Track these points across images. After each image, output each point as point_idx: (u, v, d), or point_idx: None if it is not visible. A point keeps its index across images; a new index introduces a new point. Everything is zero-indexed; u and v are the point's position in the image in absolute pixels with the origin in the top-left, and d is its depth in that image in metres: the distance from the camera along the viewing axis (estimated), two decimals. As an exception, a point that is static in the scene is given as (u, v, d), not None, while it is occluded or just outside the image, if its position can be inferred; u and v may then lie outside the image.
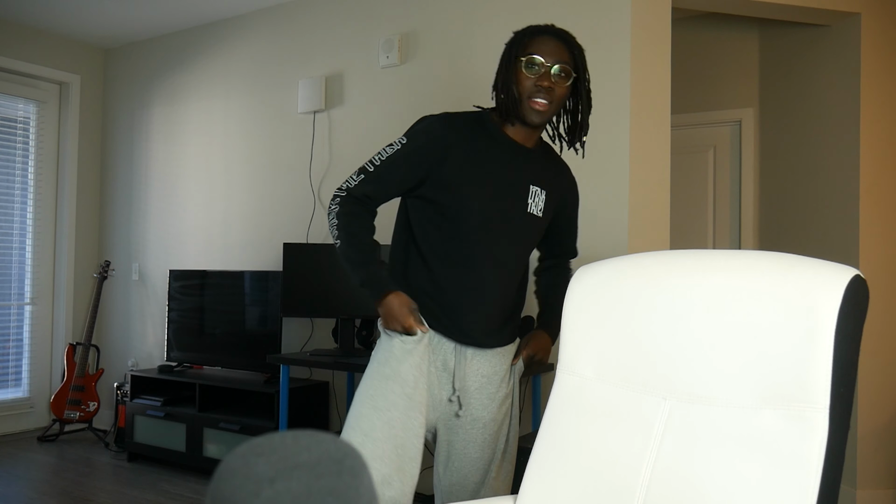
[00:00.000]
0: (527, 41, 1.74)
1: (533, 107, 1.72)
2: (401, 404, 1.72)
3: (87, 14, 4.53)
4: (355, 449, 0.60)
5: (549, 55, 1.71)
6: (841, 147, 3.57)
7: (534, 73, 1.71)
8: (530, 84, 1.71)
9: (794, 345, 1.15)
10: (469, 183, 1.76)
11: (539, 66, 1.70)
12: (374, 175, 1.77)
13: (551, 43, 1.72)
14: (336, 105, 3.99)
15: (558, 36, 1.74)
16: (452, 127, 1.77)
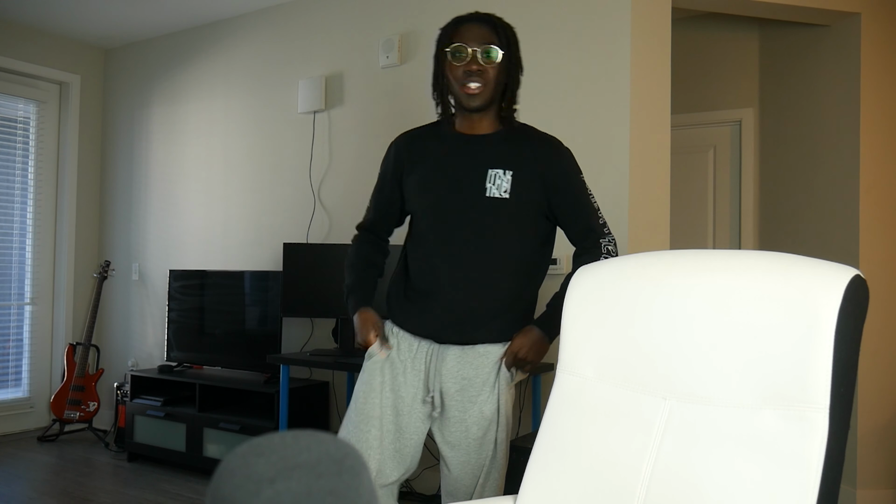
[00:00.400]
0: (451, 33, 1.79)
1: (466, 92, 1.75)
2: (352, 418, 1.84)
3: (87, 14, 4.53)
4: (355, 449, 0.60)
5: (472, 40, 1.75)
6: (841, 147, 3.57)
7: (461, 61, 1.74)
8: (460, 72, 1.75)
9: (794, 345, 1.15)
10: (420, 185, 1.84)
11: (464, 53, 1.74)
12: (370, 205, 2.01)
13: (474, 28, 1.76)
14: (336, 105, 3.99)
15: (480, 20, 1.78)
16: (407, 141, 1.90)
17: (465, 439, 1.81)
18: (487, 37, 1.75)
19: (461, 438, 1.81)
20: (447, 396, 1.81)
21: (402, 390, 1.84)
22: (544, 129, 3.28)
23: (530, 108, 3.34)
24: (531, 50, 3.35)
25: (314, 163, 4.05)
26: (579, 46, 3.22)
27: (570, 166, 1.89)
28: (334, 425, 3.88)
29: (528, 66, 3.33)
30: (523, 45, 3.35)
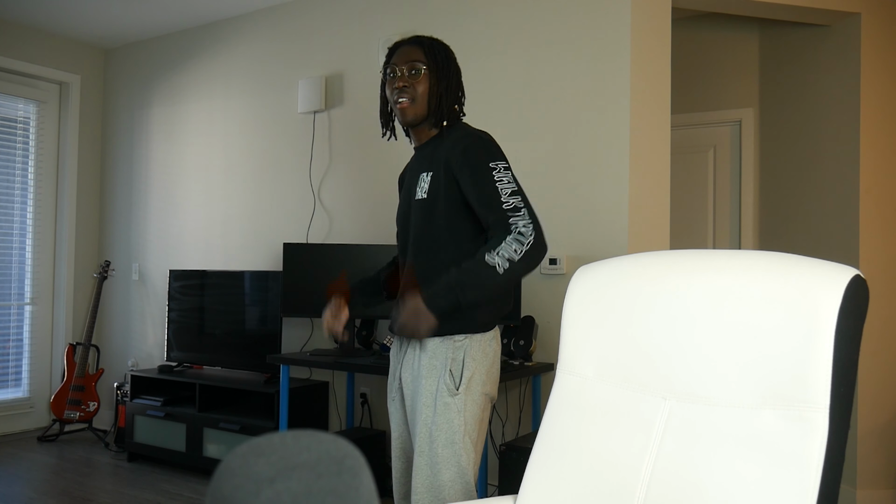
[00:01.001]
0: (388, 58, 1.93)
1: (398, 108, 1.89)
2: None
3: (87, 14, 4.53)
4: (355, 449, 0.60)
5: (401, 61, 1.89)
6: (841, 147, 3.57)
7: (392, 81, 1.90)
8: (392, 90, 1.90)
9: (794, 345, 1.15)
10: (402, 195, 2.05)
11: (394, 72, 1.89)
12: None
13: (404, 49, 1.90)
14: (336, 105, 3.99)
15: (412, 42, 1.91)
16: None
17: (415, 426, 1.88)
18: (415, 55, 1.88)
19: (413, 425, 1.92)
20: (404, 384, 1.93)
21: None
22: (545, 128, 3.30)
23: (530, 108, 3.34)
24: (531, 50, 3.35)
25: (314, 163, 4.05)
26: (579, 46, 3.22)
27: (470, 154, 1.81)
28: (334, 425, 3.88)
29: (528, 65, 3.34)
30: (523, 45, 3.36)
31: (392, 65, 1.90)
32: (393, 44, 1.97)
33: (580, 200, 3.19)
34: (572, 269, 3.18)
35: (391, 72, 1.90)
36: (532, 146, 3.32)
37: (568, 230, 3.21)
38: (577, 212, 3.19)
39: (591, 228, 3.15)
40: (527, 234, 1.70)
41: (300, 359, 3.26)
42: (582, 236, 3.18)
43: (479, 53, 3.50)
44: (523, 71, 3.37)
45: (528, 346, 3.08)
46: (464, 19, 3.55)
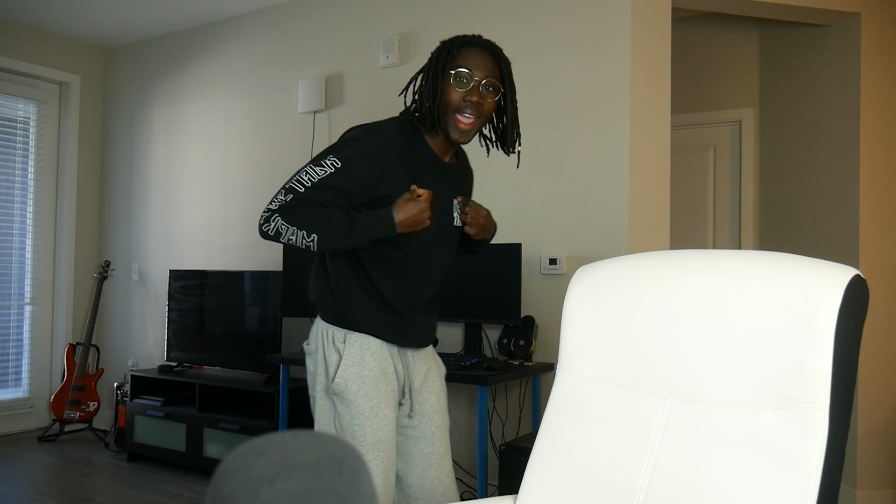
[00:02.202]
0: (455, 53, 1.71)
1: (458, 124, 1.71)
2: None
3: (87, 14, 4.53)
4: (355, 449, 0.60)
5: (477, 68, 1.69)
6: (841, 147, 3.57)
7: (462, 87, 1.69)
8: (458, 98, 1.70)
9: (794, 345, 1.15)
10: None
11: (468, 80, 1.69)
12: (304, 198, 1.67)
13: (480, 56, 1.70)
14: (336, 105, 3.99)
15: (487, 48, 1.72)
16: (387, 144, 1.71)
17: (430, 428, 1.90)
18: (491, 69, 1.71)
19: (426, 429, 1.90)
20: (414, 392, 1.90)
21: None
22: (544, 128, 3.30)
23: (530, 109, 3.34)
24: (531, 50, 3.35)
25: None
26: (579, 46, 3.22)
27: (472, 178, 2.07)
28: (334, 425, 3.88)
29: (527, 65, 3.34)
30: (523, 45, 3.36)
31: (466, 69, 1.68)
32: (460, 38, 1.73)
33: (580, 200, 3.19)
34: (572, 269, 3.18)
35: (463, 78, 1.69)
36: (532, 146, 3.32)
37: (568, 230, 3.21)
38: (577, 212, 3.19)
39: (591, 228, 3.15)
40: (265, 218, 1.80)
41: (300, 359, 3.26)
42: (582, 236, 3.18)
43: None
44: (523, 71, 3.36)
45: (528, 346, 3.08)
46: (464, 20, 3.55)
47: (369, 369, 1.75)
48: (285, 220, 1.66)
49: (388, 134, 1.73)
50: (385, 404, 1.76)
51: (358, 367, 1.75)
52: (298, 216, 1.66)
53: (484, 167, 3.43)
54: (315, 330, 1.83)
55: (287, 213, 1.67)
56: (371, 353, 1.77)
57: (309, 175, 1.68)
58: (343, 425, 1.75)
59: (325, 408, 1.79)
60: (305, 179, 1.68)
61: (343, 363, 1.75)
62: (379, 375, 1.76)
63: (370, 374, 1.75)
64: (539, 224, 3.29)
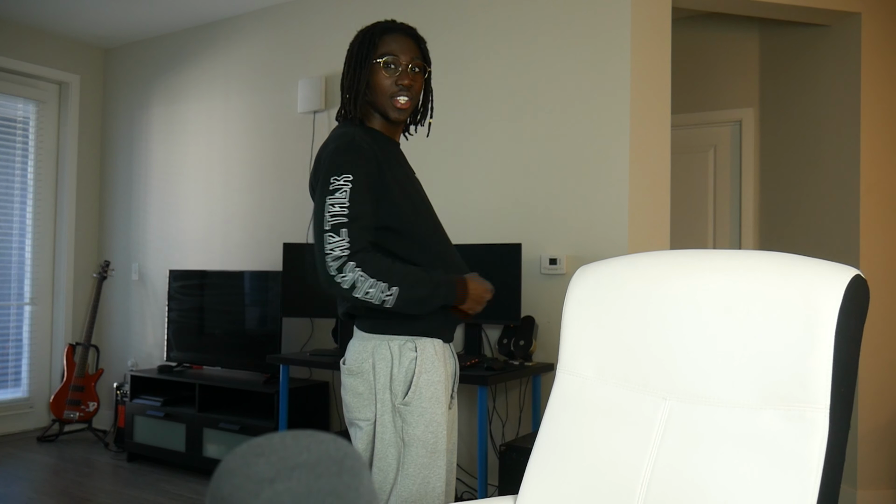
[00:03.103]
0: (378, 41, 1.78)
1: (395, 105, 1.77)
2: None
3: (87, 14, 4.52)
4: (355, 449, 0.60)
5: (402, 52, 1.77)
6: (841, 147, 3.57)
7: (391, 73, 1.76)
8: (390, 83, 1.76)
9: (794, 345, 1.15)
10: (404, 189, 1.76)
11: (396, 65, 1.76)
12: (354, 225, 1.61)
13: (402, 40, 1.79)
14: (336, 105, 3.98)
15: (406, 32, 1.81)
16: (364, 141, 1.72)
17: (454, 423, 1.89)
18: (414, 50, 1.80)
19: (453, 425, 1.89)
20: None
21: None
22: (544, 128, 3.30)
23: (530, 109, 3.34)
24: (531, 50, 3.35)
25: (314, 163, 4.04)
26: (579, 46, 3.22)
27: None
28: (334, 425, 3.88)
29: (528, 65, 3.34)
30: (523, 45, 3.36)
31: (391, 55, 1.75)
32: (378, 25, 1.80)
33: (580, 200, 3.19)
34: (572, 269, 3.18)
35: (391, 63, 1.75)
36: (532, 146, 3.32)
37: (568, 230, 3.21)
38: (577, 212, 3.19)
39: (591, 228, 3.15)
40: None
41: (300, 359, 3.26)
42: (582, 236, 3.18)
43: (478, 53, 3.50)
44: (523, 71, 3.36)
45: (528, 346, 3.08)
46: (463, 19, 3.55)
47: (439, 374, 1.71)
48: (366, 269, 1.59)
49: (354, 134, 1.73)
50: (448, 406, 1.78)
51: (429, 374, 1.70)
52: (377, 266, 1.60)
53: (484, 167, 3.44)
54: (362, 347, 1.73)
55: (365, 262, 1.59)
56: (438, 356, 1.73)
57: (340, 205, 1.62)
58: (416, 435, 1.68)
59: (387, 424, 1.69)
60: (340, 210, 1.61)
61: (417, 371, 1.69)
62: (445, 379, 1.74)
63: (440, 380, 1.71)
64: (539, 224, 3.29)
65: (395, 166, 1.77)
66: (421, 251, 1.75)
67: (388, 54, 1.76)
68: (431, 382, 1.70)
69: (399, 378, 1.68)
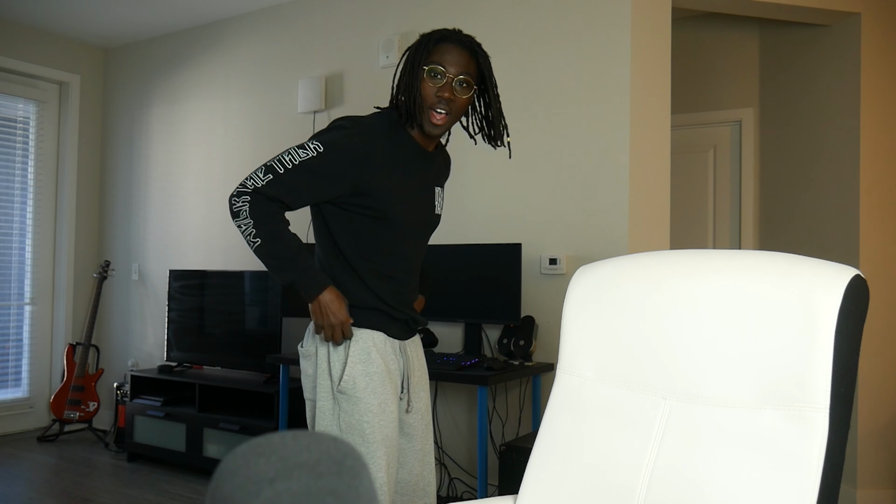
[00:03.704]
0: (431, 48, 1.73)
1: (432, 119, 1.73)
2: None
3: (87, 14, 4.53)
4: (355, 449, 0.60)
5: (451, 65, 1.71)
6: (841, 147, 3.57)
7: (435, 83, 1.71)
8: (431, 93, 1.71)
9: (794, 345, 1.15)
10: (394, 190, 1.75)
11: (441, 76, 1.71)
12: (285, 179, 1.68)
13: (455, 52, 1.72)
14: (336, 105, 3.98)
15: (463, 44, 1.73)
16: (370, 134, 1.73)
17: (422, 423, 1.92)
18: (466, 64, 1.73)
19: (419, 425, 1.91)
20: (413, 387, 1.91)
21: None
22: (544, 128, 3.30)
23: (530, 109, 3.34)
24: (531, 50, 3.35)
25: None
26: (579, 46, 3.22)
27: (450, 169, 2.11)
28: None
29: (528, 65, 3.34)
30: (523, 45, 3.36)
31: (440, 65, 1.70)
32: (438, 32, 1.75)
33: (580, 200, 3.19)
34: (572, 269, 3.18)
35: (437, 73, 1.70)
36: (532, 146, 3.32)
37: (568, 230, 3.21)
38: (577, 212, 3.19)
39: (591, 228, 3.15)
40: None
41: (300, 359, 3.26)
42: (582, 236, 3.18)
43: (479, 53, 3.50)
44: (523, 71, 3.36)
45: (528, 346, 3.08)
46: (463, 19, 3.55)
47: (376, 366, 1.75)
48: (251, 208, 1.68)
49: (371, 124, 1.75)
50: (391, 401, 1.77)
51: (365, 364, 1.74)
52: (262, 214, 1.68)
53: (485, 167, 3.44)
54: (311, 331, 1.83)
55: (257, 204, 1.68)
56: (377, 349, 1.77)
57: (291, 157, 1.69)
58: (351, 423, 1.72)
59: (326, 409, 1.77)
60: (287, 160, 1.69)
61: (350, 361, 1.74)
62: (384, 372, 1.76)
63: (377, 371, 1.75)
64: (539, 224, 3.29)
65: (395, 172, 1.75)
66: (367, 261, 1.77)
67: (436, 63, 1.71)
68: (367, 373, 1.74)
69: (336, 365, 1.75)
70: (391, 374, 1.79)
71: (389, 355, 1.81)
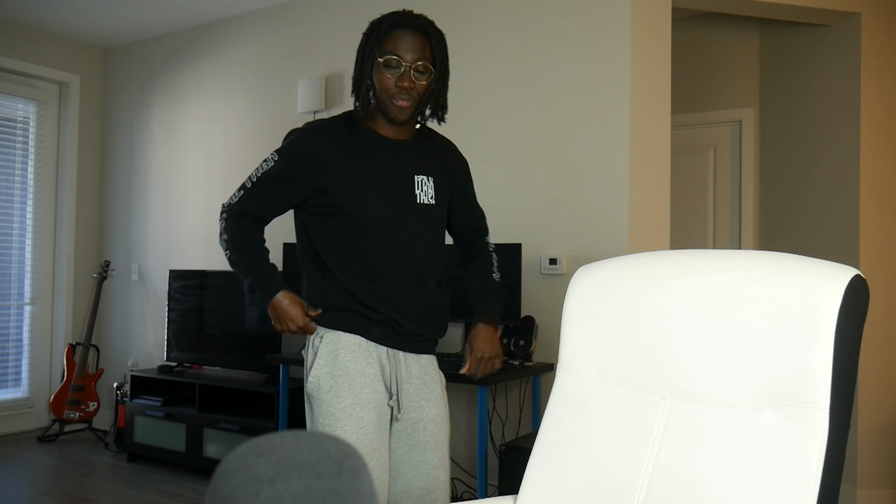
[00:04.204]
0: (384, 37, 1.69)
1: (397, 105, 1.70)
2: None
3: (87, 14, 4.53)
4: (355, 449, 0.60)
5: (408, 52, 1.67)
6: (841, 147, 3.57)
7: (393, 74, 1.68)
8: (391, 84, 1.68)
9: (794, 345, 1.15)
10: (350, 187, 1.72)
11: (398, 65, 1.67)
12: (252, 192, 1.78)
13: (409, 38, 1.68)
14: (336, 105, 3.98)
15: (416, 27, 1.69)
16: (323, 135, 1.74)
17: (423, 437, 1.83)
18: (421, 49, 1.68)
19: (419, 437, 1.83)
20: (405, 396, 1.80)
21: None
22: (544, 128, 3.29)
23: (530, 109, 3.34)
24: (531, 50, 3.35)
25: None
26: (579, 46, 3.22)
27: (467, 168, 1.98)
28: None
29: (528, 65, 3.34)
30: (523, 45, 3.35)
31: (394, 55, 1.66)
32: (387, 19, 1.71)
33: (580, 200, 3.19)
34: (572, 269, 3.18)
35: (393, 64, 1.66)
36: (532, 146, 3.32)
37: (568, 230, 3.21)
38: (577, 212, 3.19)
39: (591, 228, 3.15)
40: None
41: (300, 359, 3.26)
42: (582, 236, 3.18)
43: (478, 54, 3.50)
44: (523, 71, 3.36)
45: (528, 346, 3.08)
46: (463, 20, 3.55)
47: (342, 369, 1.69)
48: (225, 224, 1.80)
49: (324, 124, 1.78)
50: (362, 406, 1.69)
51: (330, 367, 1.70)
52: (231, 228, 1.78)
53: (484, 167, 3.44)
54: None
55: (230, 220, 1.79)
56: (346, 351, 1.71)
57: (257, 171, 1.80)
58: (316, 426, 1.70)
59: (306, 409, 1.79)
60: (253, 175, 1.80)
61: (316, 363, 1.72)
62: (353, 375, 1.69)
63: (342, 374, 1.69)
64: (539, 224, 3.29)
65: (351, 168, 1.72)
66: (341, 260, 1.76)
67: (390, 53, 1.67)
68: (331, 376, 1.69)
69: (307, 367, 1.76)
70: (366, 378, 1.71)
71: (364, 358, 1.72)
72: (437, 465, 1.80)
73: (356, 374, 1.70)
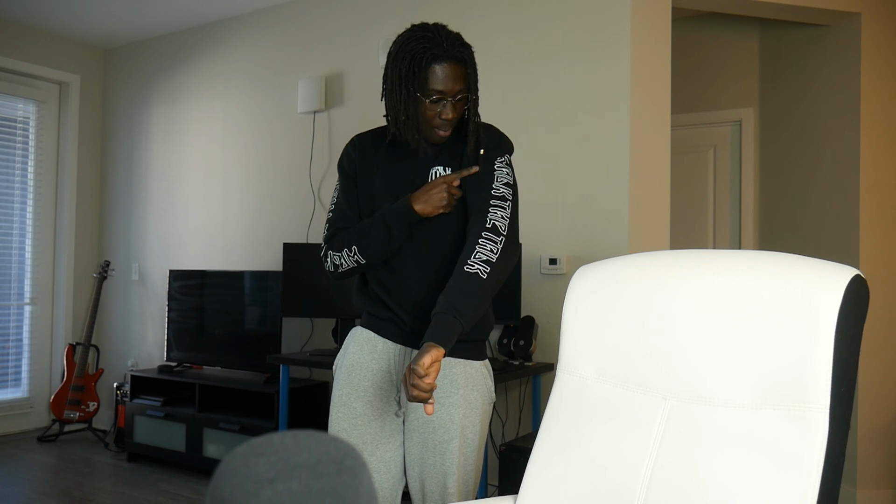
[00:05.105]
0: (426, 74, 1.63)
1: (436, 134, 1.69)
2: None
3: (87, 14, 4.52)
4: (355, 449, 0.60)
5: (449, 85, 1.64)
6: (841, 147, 3.57)
7: (436, 107, 1.66)
8: (434, 115, 1.67)
9: (794, 345, 1.15)
10: (374, 187, 1.77)
11: (442, 100, 1.65)
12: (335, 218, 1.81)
13: (449, 70, 1.63)
14: (336, 105, 3.99)
15: (452, 57, 1.64)
16: (358, 145, 1.82)
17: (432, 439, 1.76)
18: (461, 78, 1.66)
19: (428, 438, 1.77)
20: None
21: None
22: (544, 128, 3.30)
23: (530, 109, 3.34)
24: (531, 50, 3.35)
25: (314, 163, 4.05)
26: (579, 47, 3.22)
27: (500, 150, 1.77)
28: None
29: (528, 65, 3.34)
30: (523, 45, 3.36)
31: (437, 91, 1.63)
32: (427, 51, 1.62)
33: (580, 200, 3.19)
34: (572, 269, 3.18)
35: (436, 98, 1.64)
36: (532, 146, 3.32)
37: (568, 230, 3.21)
38: (577, 212, 3.19)
39: (591, 228, 3.15)
40: (501, 229, 1.65)
41: (300, 359, 3.26)
42: (582, 236, 3.18)
43: (478, 54, 3.49)
44: (523, 71, 3.37)
45: (528, 346, 3.08)
46: (463, 20, 3.55)
47: (347, 359, 1.80)
48: (332, 249, 1.78)
49: (361, 136, 1.85)
50: (357, 397, 1.75)
51: (340, 358, 1.84)
52: (337, 240, 1.78)
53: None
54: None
55: (336, 241, 1.79)
56: (356, 345, 1.80)
57: (332, 201, 1.86)
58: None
59: None
60: (331, 206, 1.85)
61: (340, 353, 1.86)
62: (353, 367, 1.77)
63: (345, 364, 1.80)
64: (539, 224, 3.29)
65: (378, 173, 1.77)
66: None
67: (433, 90, 1.63)
68: (339, 366, 1.83)
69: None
70: (367, 372, 1.76)
71: (370, 353, 1.77)
72: (446, 472, 1.73)
73: (357, 366, 1.79)
